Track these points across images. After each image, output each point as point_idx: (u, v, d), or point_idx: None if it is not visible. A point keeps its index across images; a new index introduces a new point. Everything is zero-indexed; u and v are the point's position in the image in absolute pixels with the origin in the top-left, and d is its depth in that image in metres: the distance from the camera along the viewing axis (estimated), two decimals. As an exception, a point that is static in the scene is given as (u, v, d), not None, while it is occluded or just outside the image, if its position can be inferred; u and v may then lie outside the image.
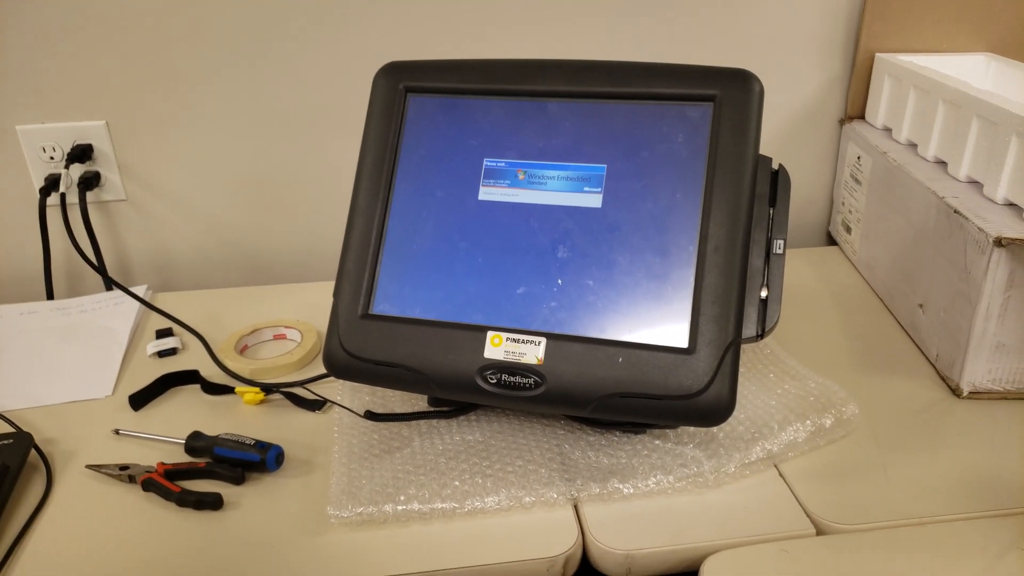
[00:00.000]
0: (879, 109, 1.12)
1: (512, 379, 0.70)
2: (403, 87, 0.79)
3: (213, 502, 0.72)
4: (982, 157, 0.88)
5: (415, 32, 1.09)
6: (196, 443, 0.78)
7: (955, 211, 0.85)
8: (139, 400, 0.87)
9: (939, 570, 0.64)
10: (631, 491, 0.72)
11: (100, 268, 1.12)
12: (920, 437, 0.80)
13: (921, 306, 0.93)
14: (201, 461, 0.77)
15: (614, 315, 0.70)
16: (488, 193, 0.76)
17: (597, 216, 0.73)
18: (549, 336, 0.70)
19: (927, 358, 0.92)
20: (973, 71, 1.13)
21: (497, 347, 0.71)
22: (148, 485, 0.74)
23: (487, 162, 0.76)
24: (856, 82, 1.16)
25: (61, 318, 1.04)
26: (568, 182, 0.74)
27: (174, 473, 0.75)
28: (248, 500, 0.74)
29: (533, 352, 0.70)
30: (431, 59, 0.81)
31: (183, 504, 0.72)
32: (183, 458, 0.78)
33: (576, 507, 0.72)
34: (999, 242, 0.78)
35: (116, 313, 1.05)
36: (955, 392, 0.86)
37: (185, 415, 0.86)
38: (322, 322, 1.00)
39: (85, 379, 0.92)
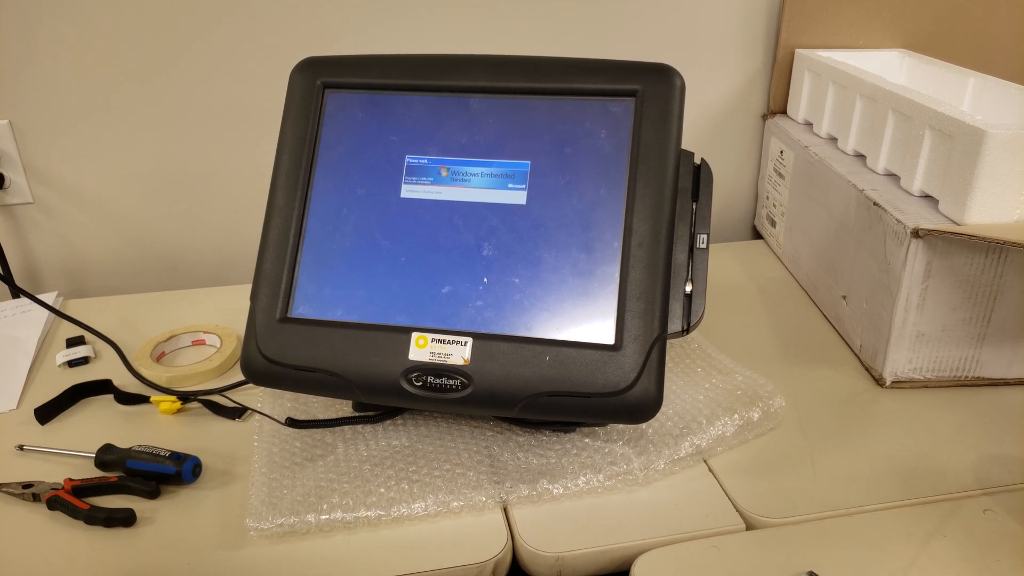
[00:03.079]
0: (800, 104, 1.14)
1: (438, 381, 0.69)
2: (321, 83, 0.77)
3: (125, 518, 0.68)
4: (898, 150, 0.90)
5: (332, 26, 1.06)
6: (107, 456, 0.75)
7: (874, 203, 0.86)
8: (46, 413, 0.83)
9: (866, 560, 0.64)
10: (561, 491, 0.71)
11: (5, 275, 1.07)
12: (846, 428, 0.81)
13: (844, 298, 0.95)
14: (113, 475, 0.73)
15: (541, 313, 0.69)
16: (411, 191, 0.74)
17: (522, 213, 0.72)
18: (475, 336, 0.69)
19: (851, 349, 0.93)
20: (888, 67, 1.15)
21: (422, 348, 0.69)
22: (54, 503, 0.70)
23: (409, 159, 0.75)
24: (777, 77, 1.18)
25: (-38, 328, 0.98)
26: (492, 179, 0.73)
27: (83, 489, 0.71)
28: (163, 515, 0.70)
29: (459, 353, 0.69)
30: (349, 54, 0.79)
31: (92, 522, 0.68)
32: (93, 473, 0.74)
33: (505, 510, 0.71)
34: (916, 233, 0.79)
35: (23, 321, 1.00)
36: (878, 382, 0.87)
37: (96, 427, 0.82)
38: (243, 326, 0.97)
39: (-12, 392, 0.87)
